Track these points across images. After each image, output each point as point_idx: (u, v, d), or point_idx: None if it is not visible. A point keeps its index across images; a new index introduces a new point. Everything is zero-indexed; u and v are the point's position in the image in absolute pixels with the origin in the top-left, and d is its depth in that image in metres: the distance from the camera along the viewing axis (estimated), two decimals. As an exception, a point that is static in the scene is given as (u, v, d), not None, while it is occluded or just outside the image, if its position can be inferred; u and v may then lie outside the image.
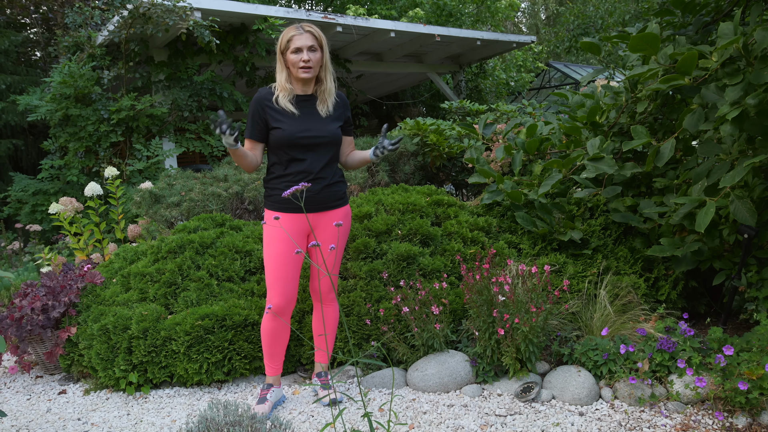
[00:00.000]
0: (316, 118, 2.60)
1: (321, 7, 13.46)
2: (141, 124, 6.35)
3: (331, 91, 2.64)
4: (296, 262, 2.61)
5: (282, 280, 2.59)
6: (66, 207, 4.41)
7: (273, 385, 2.74)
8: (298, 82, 2.60)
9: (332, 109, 2.64)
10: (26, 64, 9.87)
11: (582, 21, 11.78)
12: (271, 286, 2.61)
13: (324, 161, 2.60)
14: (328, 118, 2.62)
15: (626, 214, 3.24)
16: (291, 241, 2.57)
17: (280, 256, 2.57)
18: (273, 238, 2.58)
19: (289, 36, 2.53)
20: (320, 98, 2.63)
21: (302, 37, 2.52)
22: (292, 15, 6.84)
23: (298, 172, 2.57)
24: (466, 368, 2.83)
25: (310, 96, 2.63)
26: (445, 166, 5.46)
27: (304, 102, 2.61)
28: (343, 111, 2.70)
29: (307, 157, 2.57)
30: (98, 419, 2.77)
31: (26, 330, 3.20)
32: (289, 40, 2.53)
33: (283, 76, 2.58)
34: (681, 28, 3.31)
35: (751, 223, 2.52)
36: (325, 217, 2.65)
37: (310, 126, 2.57)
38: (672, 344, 2.57)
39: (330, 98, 2.64)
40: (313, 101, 2.63)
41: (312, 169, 2.58)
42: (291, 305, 2.64)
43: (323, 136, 2.58)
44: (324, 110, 2.62)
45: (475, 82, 10.96)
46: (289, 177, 2.58)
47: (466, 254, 3.31)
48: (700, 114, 2.72)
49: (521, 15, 24.95)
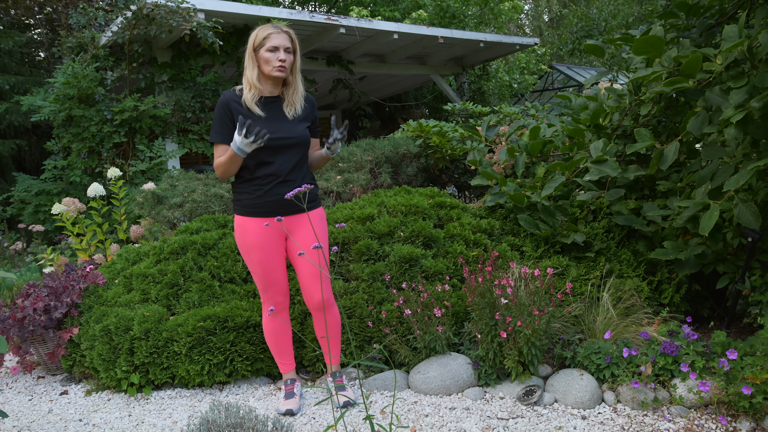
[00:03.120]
0: (282, 119, 2.56)
1: (324, 8, 13.47)
2: (144, 125, 6.36)
3: (300, 95, 2.60)
4: (280, 264, 2.62)
5: (273, 284, 2.63)
6: (69, 207, 4.41)
7: (295, 379, 2.79)
8: (267, 82, 2.56)
9: (300, 110, 2.60)
10: (30, 65, 9.90)
11: (585, 23, 11.77)
12: (264, 289, 2.64)
13: (292, 163, 2.56)
14: (296, 120, 2.58)
15: (629, 217, 3.23)
16: (268, 247, 2.56)
17: (262, 263, 2.57)
18: (250, 246, 2.56)
19: (266, 33, 2.49)
20: (288, 100, 2.58)
21: (280, 36, 2.49)
22: (296, 16, 6.85)
23: (266, 175, 2.52)
24: (468, 371, 2.83)
25: (277, 98, 2.59)
26: (447, 168, 5.45)
27: (271, 104, 2.57)
28: (310, 111, 2.66)
29: (275, 159, 2.52)
30: (100, 420, 2.77)
31: (28, 330, 3.20)
32: (265, 38, 2.49)
33: (254, 74, 2.52)
34: (685, 31, 3.30)
35: (755, 227, 2.51)
36: (299, 220, 2.62)
37: (278, 127, 2.52)
38: (675, 348, 2.56)
39: (298, 101, 2.59)
40: (279, 103, 2.59)
41: (280, 171, 2.53)
42: (287, 300, 2.70)
43: (291, 137, 2.54)
44: (291, 112, 2.57)
45: (478, 84, 10.95)
46: (258, 180, 2.53)
47: (468, 256, 3.30)
48: (704, 117, 2.71)
49: (524, 17, 24.94)
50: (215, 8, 6.18)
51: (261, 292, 2.65)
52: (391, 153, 4.99)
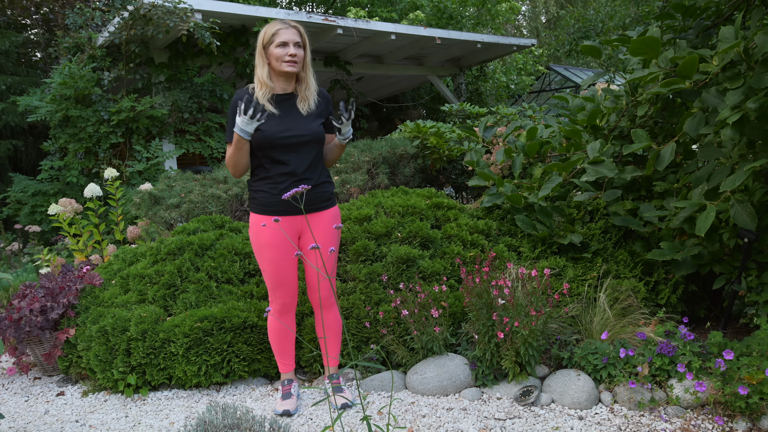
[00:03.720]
0: (296, 116, 2.53)
1: (321, 9, 13.47)
2: (141, 125, 6.35)
3: (313, 90, 2.57)
4: (292, 264, 2.60)
5: (283, 284, 2.60)
6: (65, 208, 4.40)
7: (292, 380, 2.79)
8: (279, 78, 2.54)
9: (314, 106, 2.57)
10: (27, 65, 9.87)
11: (582, 24, 11.79)
12: (273, 288, 2.62)
13: (308, 161, 2.53)
14: (310, 116, 2.55)
15: (626, 218, 3.24)
16: (282, 246, 2.55)
17: (274, 261, 2.55)
18: (263, 245, 2.55)
19: (275, 30, 2.47)
20: (301, 96, 2.56)
21: (288, 31, 2.47)
22: (293, 17, 6.85)
23: (281, 173, 2.51)
24: (465, 371, 2.83)
25: (290, 95, 2.57)
26: (445, 168, 5.45)
27: (284, 101, 2.55)
28: (325, 107, 2.63)
29: (290, 158, 2.50)
30: (96, 421, 2.76)
31: (25, 331, 3.19)
32: (274, 34, 2.47)
33: (264, 72, 2.51)
34: (682, 32, 3.31)
35: (751, 227, 2.52)
36: (313, 219, 2.61)
37: (291, 125, 2.50)
38: (672, 348, 2.57)
39: (311, 96, 2.57)
40: (293, 99, 2.56)
41: (296, 170, 2.51)
42: (295, 302, 2.69)
43: (305, 135, 2.51)
44: (305, 108, 2.54)
45: (475, 85, 10.96)
46: (273, 179, 2.52)
47: (465, 257, 3.31)
48: (700, 118, 2.72)
49: (522, 18, 24.98)
50: (212, 9, 6.18)
51: (270, 291, 2.63)
52: (389, 154, 4.99)
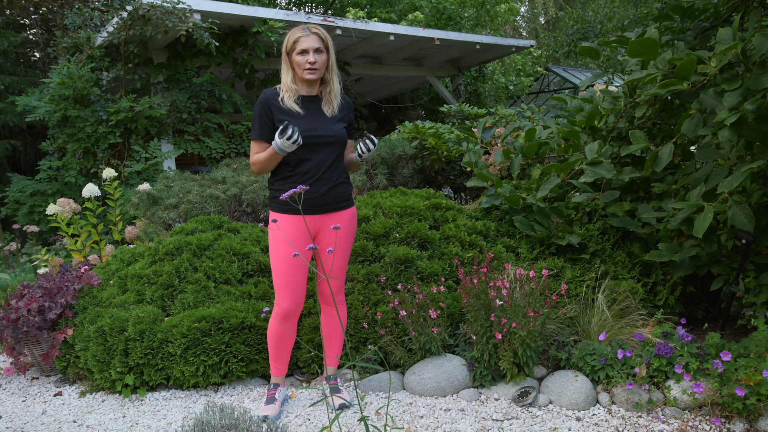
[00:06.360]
0: (321, 117, 2.58)
1: (321, 9, 13.48)
2: (140, 125, 6.34)
3: (336, 93, 2.62)
4: (304, 265, 2.59)
5: (290, 284, 2.58)
6: (64, 208, 4.40)
7: (279, 384, 2.77)
8: (303, 83, 2.59)
9: (337, 110, 2.63)
10: (25, 65, 9.86)
11: (581, 26, 11.81)
12: (279, 289, 2.59)
13: (329, 162, 2.58)
14: (333, 119, 2.60)
15: (624, 219, 3.24)
16: (296, 245, 2.56)
17: (287, 260, 2.55)
18: (280, 242, 2.56)
19: (296, 37, 2.52)
20: (325, 99, 2.61)
21: (308, 38, 2.51)
22: (292, 17, 6.85)
23: (303, 172, 2.55)
24: (463, 372, 2.83)
25: (315, 97, 2.62)
26: (443, 169, 5.46)
27: (309, 102, 2.60)
28: (347, 113, 2.69)
29: (313, 157, 2.55)
30: (94, 421, 2.76)
31: (22, 331, 3.19)
32: (295, 42, 2.52)
33: (288, 77, 2.57)
34: (680, 34, 3.31)
35: (749, 229, 2.52)
36: (331, 219, 2.63)
37: (317, 125, 2.55)
38: (670, 349, 2.57)
39: (335, 99, 2.62)
40: (318, 102, 2.61)
41: (317, 170, 2.55)
42: (299, 309, 2.64)
43: (330, 136, 2.56)
44: (329, 110, 2.60)
45: (474, 86, 10.97)
46: (294, 178, 2.56)
47: (464, 258, 3.31)
48: (698, 119, 2.72)
49: (520, 19, 25.00)
50: (211, 9, 6.17)
51: (276, 291, 2.61)
52: (387, 154, 5.00)
